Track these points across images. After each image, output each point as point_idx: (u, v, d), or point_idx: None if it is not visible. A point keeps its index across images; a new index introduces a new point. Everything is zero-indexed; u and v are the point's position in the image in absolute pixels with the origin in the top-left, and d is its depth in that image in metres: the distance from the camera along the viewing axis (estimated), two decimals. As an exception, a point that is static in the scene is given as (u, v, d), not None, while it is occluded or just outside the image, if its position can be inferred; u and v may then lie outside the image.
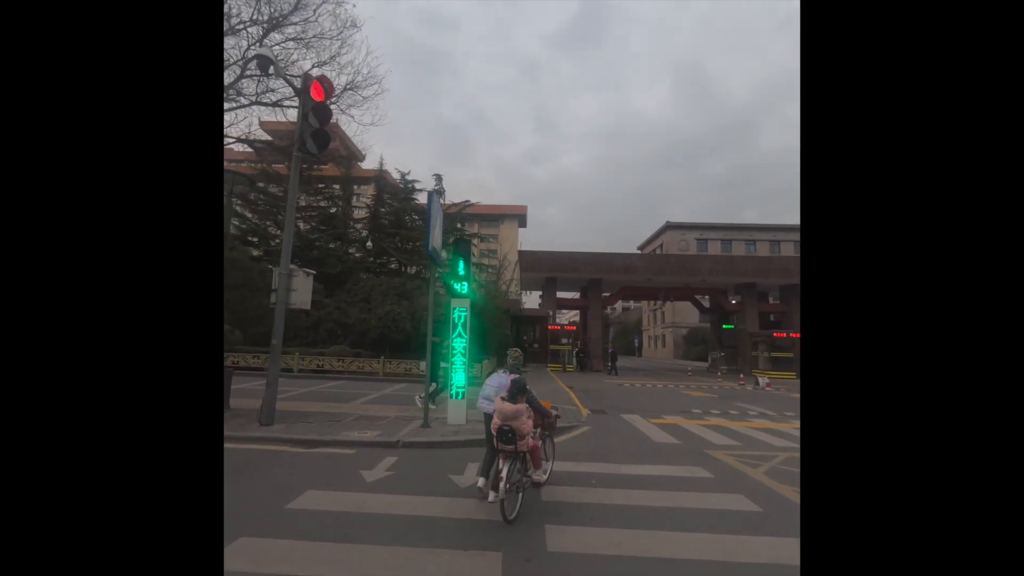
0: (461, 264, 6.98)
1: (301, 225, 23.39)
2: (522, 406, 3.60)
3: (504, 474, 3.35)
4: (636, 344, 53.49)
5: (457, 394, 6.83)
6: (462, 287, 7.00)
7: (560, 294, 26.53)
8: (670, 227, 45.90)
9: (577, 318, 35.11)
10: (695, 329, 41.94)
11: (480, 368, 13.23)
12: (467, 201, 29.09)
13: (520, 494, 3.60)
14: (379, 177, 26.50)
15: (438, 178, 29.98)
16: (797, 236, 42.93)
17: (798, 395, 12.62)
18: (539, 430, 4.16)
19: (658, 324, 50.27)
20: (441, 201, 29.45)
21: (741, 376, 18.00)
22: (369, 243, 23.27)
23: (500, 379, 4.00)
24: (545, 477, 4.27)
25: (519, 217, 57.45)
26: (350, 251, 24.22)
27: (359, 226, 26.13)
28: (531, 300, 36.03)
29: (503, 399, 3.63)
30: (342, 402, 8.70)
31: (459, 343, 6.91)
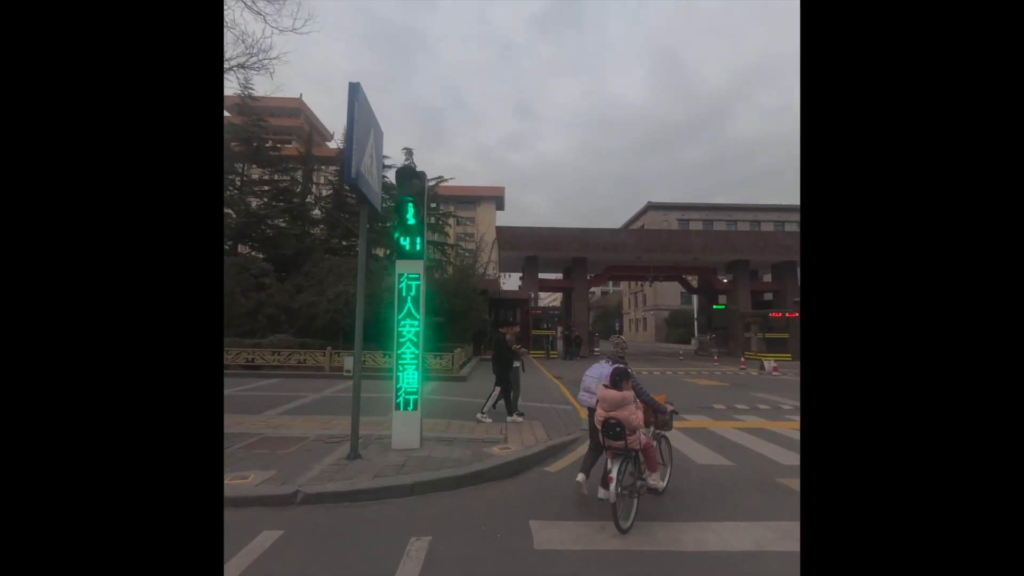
0: (410, 209, 4.63)
1: (253, 201, 20.57)
2: (628, 393, 3.17)
3: (614, 474, 2.87)
4: (617, 328, 52.87)
5: (407, 403, 4.56)
6: (412, 243, 4.67)
7: (541, 275, 24.44)
8: (652, 207, 45.00)
9: (559, 302, 33.31)
10: (677, 311, 41.40)
11: (453, 358, 11.00)
12: (441, 177, 26.33)
13: (635, 500, 3.08)
14: (342, 152, 23.65)
15: (408, 152, 27.06)
16: (777, 216, 42.56)
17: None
18: (652, 429, 3.66)
19: (639, 307, 49.54)
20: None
21: (742, 360, 16.46)
22: (316, 211, 20.59)
23: (601, 369, 3.62)
24: (663, 484, 3.62)
25: (496, 199, 55.01)
26: (313, 231, 21.50)
27: (321, 203, 23.38)
28: (511, 283, 34.09)
29: (605, 386, 3.26)
30: (251, 413, 6.24)
31: (409, 327, 4.61)
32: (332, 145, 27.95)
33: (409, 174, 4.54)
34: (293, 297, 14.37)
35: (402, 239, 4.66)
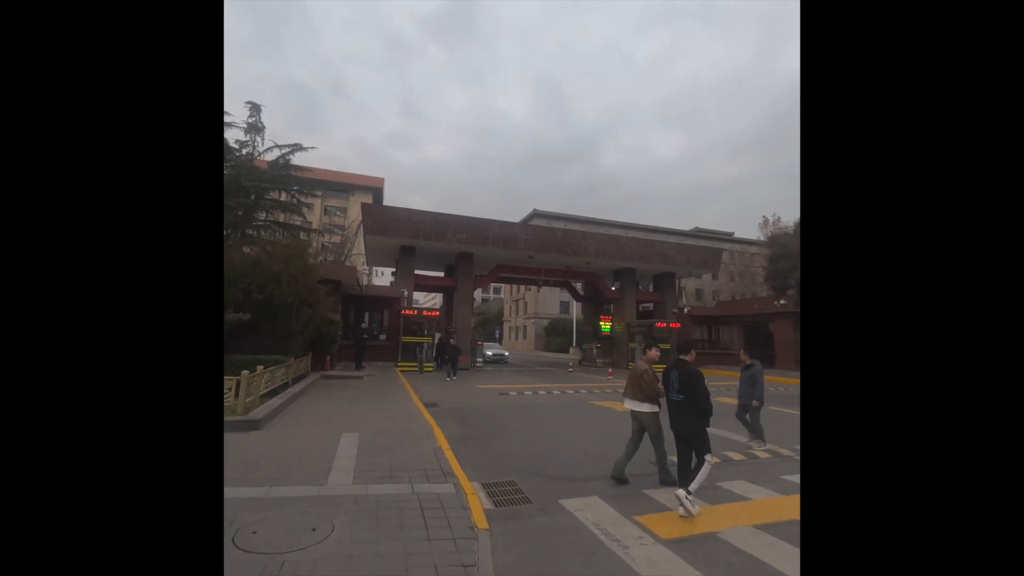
0: None
1: None
2: None
3: None
4: (496, 335, 51.46)
5: None
6: None
7: (419, 272, 20.40)
8: (537, 215, 45.25)
9: (437, 304, 29.45)
10: (557, 320, 41.66)
11: (238, 384, 6.29)
12: (298, 145, 19.91)
13: None
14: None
15: (254, 108, 20.22)
16: (646, 235, 46.30)
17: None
18: None
19: (520, 315, 48.75)
20: (258, 144, 20.19)
21: (638, 373, 15.04)
22: None
23: None
24: None
25: (374, 190, 48.42)
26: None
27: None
28: (383, 282, 29.00)
29: None
30: None
31: None
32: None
33: None
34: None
35: None
